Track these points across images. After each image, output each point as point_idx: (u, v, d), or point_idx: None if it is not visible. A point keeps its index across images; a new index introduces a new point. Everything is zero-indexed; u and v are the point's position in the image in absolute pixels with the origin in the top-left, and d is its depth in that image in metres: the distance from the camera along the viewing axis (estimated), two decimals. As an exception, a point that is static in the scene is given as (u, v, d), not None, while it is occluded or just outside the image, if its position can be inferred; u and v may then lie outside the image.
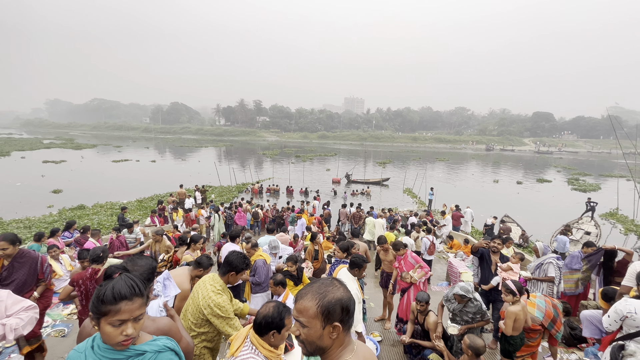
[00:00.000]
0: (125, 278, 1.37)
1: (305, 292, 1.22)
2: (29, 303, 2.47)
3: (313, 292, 1.20)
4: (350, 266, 3.65)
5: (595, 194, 23.77)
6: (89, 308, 1.34)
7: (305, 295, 1.20)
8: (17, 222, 13.06)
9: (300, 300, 1.20)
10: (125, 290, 1.32)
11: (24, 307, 2.42)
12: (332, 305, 1.17)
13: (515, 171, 40.46)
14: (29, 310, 2.43)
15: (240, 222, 12.25)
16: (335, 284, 1.24)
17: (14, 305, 2.37)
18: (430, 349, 3.82)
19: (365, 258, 3.74)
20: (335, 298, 1.18)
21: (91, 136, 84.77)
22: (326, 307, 1.16)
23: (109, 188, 21.83)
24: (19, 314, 2.36)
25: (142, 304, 1.37)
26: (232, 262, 2.61)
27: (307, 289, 1.24)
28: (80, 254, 4.16)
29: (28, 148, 46.35)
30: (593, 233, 13.03)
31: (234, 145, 69.72)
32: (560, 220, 15.12)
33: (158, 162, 39.24)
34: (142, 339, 1.45)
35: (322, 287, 1.22)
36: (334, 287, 1.22)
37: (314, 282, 1.26)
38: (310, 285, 1.25)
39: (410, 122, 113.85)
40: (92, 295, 1.34)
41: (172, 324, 1.91)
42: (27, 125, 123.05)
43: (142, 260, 2.08)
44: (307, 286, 1.25)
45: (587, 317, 4.47)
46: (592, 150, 78.52)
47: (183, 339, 1.93)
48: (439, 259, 9.79)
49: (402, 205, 19.95)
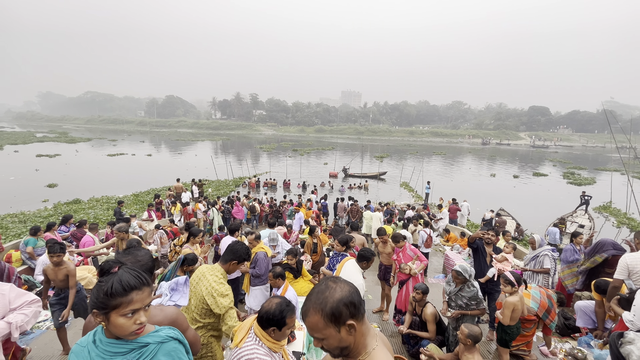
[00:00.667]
0: (128, 270, 1.38)
1: (307, 309, 1.19)
2: (32, 297, 2.45)
3: (312, 305, 1.17)
4: (358, 259, 3.74)
5: (591, 188, 24.04)
6: (91, 305, 1.33)
7: (308, 312, 1.18)
8: (11, 217, 12.93)
9: (307, 319, 1.18)
10: (134, 281, 1.34)
11: (27, 301, 2.39)
12: (336, 308, 1.14)
13: (512, 165, 40.73)
14: (32, 304, 2.40)
15: (238, 216, 12.24)
16: (330, 285, 1.20)
17: (17, 299, 2.35)
18: (428, 340, 3.89)
19: (373, 251, 3.81)
20: (335, 300, 1.16)
21: (85, 129, 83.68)
22: (331, 313, 1.14)
23: (104, 182, 21.65)
24: (22, 309, 2.34)
25: (150, 292, 1.40)
26: (237, 251, 2.63)
27: (306, 304, 1.20)
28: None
29: (21, 142, 45.69)
30: (587, 226, 13.21)
31: (230, 139, 69.24)
32: (556, 213, 15.30)
33: (154, 155, 38.94)
34: (145, 330, 1.45)
35: (319, 295, 1.18)
36: (329, 289, 1.19)
37: (311, 294, 1.22)
38: (308, 300, 1.21)
39: (408, 116, 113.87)
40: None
41: (179, 312, 1.92)
42: (20, 119, 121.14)
43: (141, 252, 2.06)
44: (306, 301, 1.22)
45: (581, 307, 4.57)
46: (587, 145, 79.17)
47: (190, 329, 1.93)
48: (435, 252, 9.89)
49: (399, 199, 20.05)
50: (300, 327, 3.36)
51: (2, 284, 2.38)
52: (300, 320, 3.47)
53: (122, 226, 5.03)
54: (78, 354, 1.37)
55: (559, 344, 4.44)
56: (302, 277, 4.84)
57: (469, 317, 3.74)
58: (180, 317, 1.89)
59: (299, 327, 3.35)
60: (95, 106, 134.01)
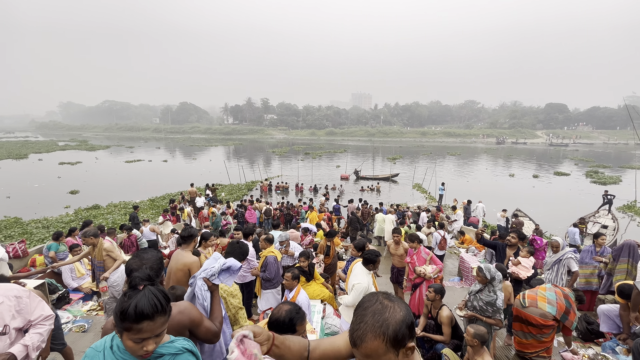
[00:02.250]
0: (149, 294, 1.32)
1: (363, 333, 1.02)
2: (49, 312, 2.34)
3: (371, 329, 1.02)
4: (364, 262, 3.68)
5: (616, 187, 23.09)
6: (113, 316, 1.32)
7: (365, 336, 1.02)
8: (35, 222, 13.49)
9: (363, 344, 1.02)
10: (148, 309, 1.28)
11: (44, 315, 2.29)
12: (400, 331, 1.02)
13: (530, 164, 39.57)
14: (47, 320, 2.30)
15: (251, 219, 12.37)
16: (387, 305, 1.06)
17: (36, 309, 2.27)
18: (443, 343, 3.81)
19: (377, 252, 3.77)
20: (397, 321, 1.03)
21: (104, 137, 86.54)
22: (395, 337, 1.01)
23: (122, 188, 22.32)
24: (37, 327, 2.25)
25: (164, 322, 1.34)
26: (233, 251, 2.81)
27: (362, 327, 1.03)
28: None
29: (45, 150, 47.67)
30: (610, 226, 12.68)
31: (242, 143, 70.18)
32: (577, 214, 14.76)
33: (169, 161, 39.86)
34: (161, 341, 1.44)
35: (378, 317, 1.04)
36: (388, 309, 1.05)
37: (364, 315, 1.06)
38: (362, 321, 1.04)
39: (419, 117, 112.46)
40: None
41: (192, 306, 1.91)
42: (42, 128, 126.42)
43: (147, 254, 2.06)
44: (359, 322, 1.05)
45: (604, 311, 4.38)
46: (608, 142, 76.09)
47: (206, 320, 1.92)
48: (450, 254, 9.69)
49: (411, 201, 19.79)
50: (312, 330, 3.35)
51: (23, 290, 2.28)
52: (312, 322, 3.48)
53: (87, 231, 4.59)
54: (92, 358, 1.37)
55: (581, 349, 4.26)
56: (314, 280, 4.85)
57: (483, 323, 3.61)
58: (194, 311, 1.88)
59: (311, 330, 3.35)
60: (112, 114, 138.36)
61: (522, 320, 3.86)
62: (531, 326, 3.78)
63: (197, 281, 2.16)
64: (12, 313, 2.14)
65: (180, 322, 1.75)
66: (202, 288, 2.15)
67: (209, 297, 2.14)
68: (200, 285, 2.15)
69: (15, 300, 2.18)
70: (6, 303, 2.12)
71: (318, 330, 3.45)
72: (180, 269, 3.13)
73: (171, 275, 3.21)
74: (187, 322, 1.80)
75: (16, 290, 2.22)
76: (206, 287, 2.14)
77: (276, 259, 4.47)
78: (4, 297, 2.13)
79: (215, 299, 2.13)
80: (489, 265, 3.65)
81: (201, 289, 2.14)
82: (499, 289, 3.59)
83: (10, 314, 2.12)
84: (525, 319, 3.81)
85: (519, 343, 3.96)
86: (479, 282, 3.69)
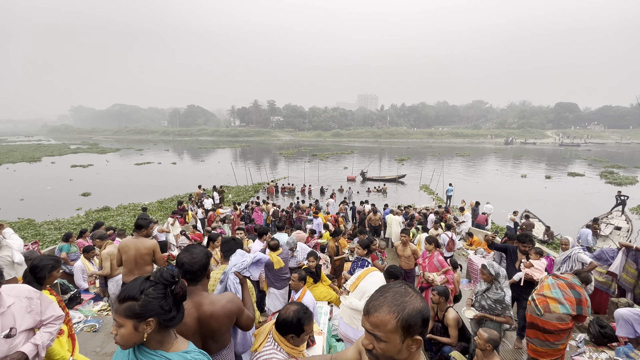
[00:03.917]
0: (154, 292, 1.38)
1: (380, 304, 1.08)
2: (59, 312, 2.38)
3: (389, 303, 1.07)
4: (387, 276, 3.70)
5: (632, 188, 22.54)
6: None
7: (381, 308, 1.07)
8: (47, 224, 13.79)
9: (375, 313, 1.08)
10: (125, 298, 1.34)
11: (54, 315, 2.32)
12: (413, 318, 1.05)
13: (540, 165, 38.89)
14: (57, 320, 2.34)
15: (258, 221, 12.43)
16: (411, 293, 1.11)
17: (47, 309, 2.30)
18: (450, 346, 3.77)
19: (401, 270, 3.77)
20: (415, 309, 1.06)
21: (113, 140, 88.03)
22: (407, 321, 1.05)
23: (132, 190, 22.69)
24: (47, 326, 2.28)
25: (134, 324, 1.32)
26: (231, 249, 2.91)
27: (380, 300, 1.10)
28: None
29: (57, 153, 48.76)
30: (624, 228, 12.39)
31: (249, 145, 70.68)
32: (590, 215, 14.45)
33: (178, 164, 40.34)
34: (177, 347, 1.42)
35: (399, 297, 1.09)
36: (411, 296, 1.10)
37: (386, 291, 1.13)
38: (382, 295, 1.11)
39: (426, 117, 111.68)
40: None
41: (236, 297, 2.04)
42: (54, 132, 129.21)
43: (197, 249, 2.08)
44: (379, 296, 1.12)
45: (622, 315, 4.17)
46: (621, 141, 74.30)
47: (245, 312, 2.05)
48: (458, 256, 9.59)
49: (418, 202, 19.64)
50: (320, 331, 3.35)
51: (35, 291, 2.30)
52: (319, 323, 3.47)
53: (94, 234, 4.73)
54: (117, 354, 1.43)
55: (594, 353, 4.17)
56: (321, 281, 4.83)
57: (492, 324, 3.57)
58: (239, 300, 2.02)
59: (318, 332, 3.35)
60: (122, 118, 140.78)
61: (537, 327, 3.56)
62: (548, 333, 3.49)
63: (230, 275, 2.43)
64: (24, 314, 2.17)
65: (231, 310, 1.90)
66: (235, 281, 2.40)
67: (240, 290, 2.38)
68: (233, 279, 2.41)
69: (27, 301, 2.21)
70: (17, 304, 2.15)
71: (325, 331, 3.44)
72: (147, 253, 3.95)
73: (136, 259, 3.92)
74: (236, 310, 1.94)
75: (27, 292, 2.25)
76: (238, 280, 2.39)
77: (273, 266, 4.54)
78: (16, 298, 2.16)
79: (245, 291, 2.36)
80: (492, 262, 3.63)
81: (234, 283, 2.40)
82: (505, 285, 3.57)
83: (21, 315, 2.16)
84: (542, 327, 3.51)
85: (534, 351, 3.65)
86: (484, 280, 3.66)
